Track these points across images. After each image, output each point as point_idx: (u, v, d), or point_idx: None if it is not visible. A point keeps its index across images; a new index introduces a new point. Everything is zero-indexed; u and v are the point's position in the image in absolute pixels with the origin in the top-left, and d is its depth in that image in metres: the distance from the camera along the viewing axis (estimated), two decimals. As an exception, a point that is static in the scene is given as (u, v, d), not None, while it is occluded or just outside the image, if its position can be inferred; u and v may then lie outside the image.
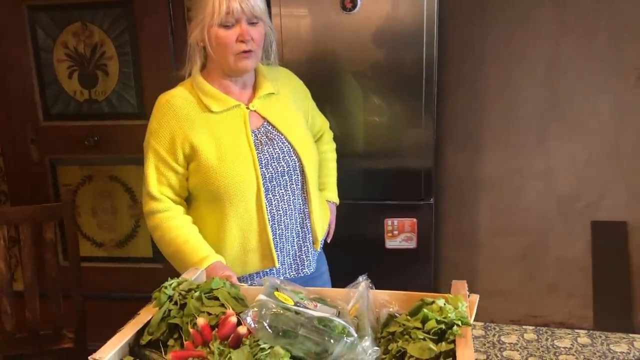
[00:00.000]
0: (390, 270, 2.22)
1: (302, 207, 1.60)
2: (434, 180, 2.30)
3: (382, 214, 2.25)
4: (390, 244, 2.28)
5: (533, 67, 2.60)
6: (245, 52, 1.46)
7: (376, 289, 1.23)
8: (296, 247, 1.61)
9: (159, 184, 1.51)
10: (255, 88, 1.58)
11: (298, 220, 1.59)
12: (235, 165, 1.48)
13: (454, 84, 2.65)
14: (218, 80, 1.53)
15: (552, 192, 2.72)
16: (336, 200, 1.83)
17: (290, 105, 1.63)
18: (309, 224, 1.62)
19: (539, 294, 2.84)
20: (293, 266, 1.61)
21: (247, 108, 1.54)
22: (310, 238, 1.63)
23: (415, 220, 2.26)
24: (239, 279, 1.56)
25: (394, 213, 2.25)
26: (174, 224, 1.51)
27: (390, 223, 2.26)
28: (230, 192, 1.48)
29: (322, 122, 1.83)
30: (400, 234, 2.27)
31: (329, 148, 1.86)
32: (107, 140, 2.54)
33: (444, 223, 2.81)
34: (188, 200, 1.59)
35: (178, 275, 1.33)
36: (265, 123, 1.56)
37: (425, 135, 2.20)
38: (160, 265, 2.64)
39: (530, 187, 2.73)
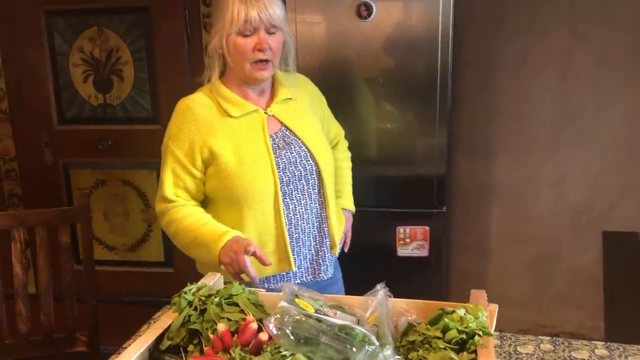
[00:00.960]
0: (402, 278, 2.20)
1: (319, 212, 1.61)
2: (447, 188, 2.30)
3: (394, 222, 2.25)
4: (402, 251, 2.28)
5: (546, 76, 2.60)
6: (261, 62, 1.48)
7: (389, 296, 1.23)
8: (313, 252, 1.61)
9: (174, 187, 1.53)
10: (272, 94, 1.60)
11: (315, 225, 1.60)
12: (253, 169, 1.49)
13: (467, 91, 2.65)
14: (236, 86, 1.55)
15: (564, 202, 2.71)
16: (352, 208, 1.84)
17: (307, 110, 1.65)
18: (326, 229, 1.62)
19: (549, 304, 2.83)
20: (310, 270, 1.62)
21: (265, 113, 1.56)
22: (328, 243, 1.64)
23: (427, 228, 2.26)
24: (261, 280, 1.57)
25: (406, 221, 2.25)
26: (187, 212, 1.52)
27: (402, 231, 2.26)
28: (249, 195, 1.50)
29: (337, 130, 1.84)
30: (412, 242, 2.27)
31: (345, 156, 1.86)
32: (121, 144, 2.56)
33: (455, 231, 2.80)
34: (205, 204, 1.60)
35: (189, 279, 1.33)
36: (283, 128, 1.57)
37: (438, 143, 2.20)
38: (172, 269, 2.65)
39: (542, 196, 2.72)
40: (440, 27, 2.09)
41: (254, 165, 1.50)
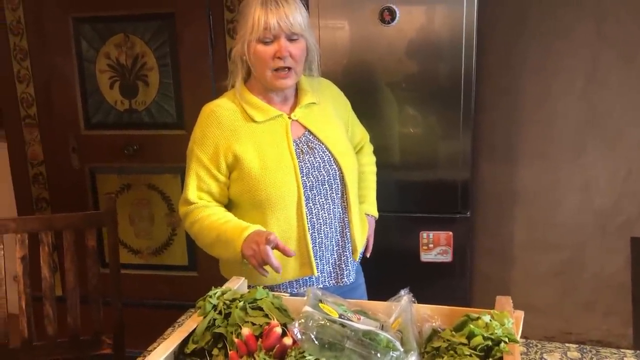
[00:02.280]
0: (425, 284, 2.19)
1: (342, 216, 1.61)
2: (471, 193, 2.29)
3: (417, 227, 2.24)
4: (426, 257, 2.26)
5: (571, 80, 2.57)
6: (282, 70, 1.48)
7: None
8: (336, 256, 1.62)
9: (198, 190, 1.55)
10: (296, 99, 1.61)
11: (338, 229, 1.60)
12: (277, 174, 1.50)
13: (490, 95, 2.63)
14: (260, 91, 1.57)
15: (590, 207, 2.67)
16: (375, 214, 1.83)
17: (330, 114, 1.65)
18: (348, 233, 1.62)
19: (574, 311, 2.78)
20: (333, 275, 1.62)
21: (289, 118, 1.57)
22: (350, 247, 1.64)
23: (450, 233, 2.24)
24: (278, 286, 1.58)
25: (429, 226, 2.23)
26: (210, 211, 1.54)
27: (425, 236, 2.25)
28: (272, 200, 1.51)
29: (362, 134, 1.85)
30: (435, 247, 2.26)
31: (369, 161, 1.86)
32: (146, 149, 2.59)
33: (479, 236, 2.78)
34: (229, 208, 1.61)
35: (212, 283, 1.35)
36: (307, 132, 1.59)
37: (462, 147, 2.18)
38: (196, 273, 2.67)
39: (568, 201, 2.69)
40: (464, 30, 2.08)
41: (277, 170, 1.51)
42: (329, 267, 1.61)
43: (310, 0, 2.11)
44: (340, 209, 1.60)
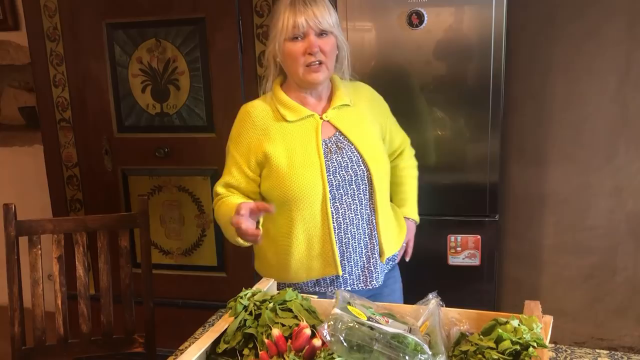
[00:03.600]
0: (453, 287, 2.18)
1: (369, 218, 1.62)
2: (499, 196, 2.27)
3: (445, 230, 2.24)
4: (453, 260, 2.26)
5: (603, 82, 2.53)
6: (314, 64, 1.52)
7: (440, 305, 1.23)
8: (364, 259, 1.62)
9: (227, 185, 1.63)
10: (330, 99, 1.63)
11: (366, 231, 1.61)
12: (303, 172, 1.54)
13: (520, 97, 2.61)
14: (295, 92, 1.61)
15: (622, 211, 2.63)
16: (415, 217, 1.83)
17: (365, 117, 1.66)
18: (376, 236, 1.63)
19: (605, 316, 2.74)
20: (361, 278, 1.63)
21: (321, 118, 1.60)
22: (377, 249, 1.64)
23: (479, 236, 2.23)
24: (305, 284, 1.62)
25: (457, 229, 2.23)
26: (231, 200, 1.59)
27: (453, 239, 2.25)
28: (297, 197, 1.54)
29: (402, 139, 1.85)
30: (463, 250, 2.25)
31: (410, 164, 1.86)
32: (177, 152, 2.64)
33: (507, 239, 2.76)
34: None
35: (241, 283, 1.39)
36: (337, 133, 1.61)
37: (491, 150, 2.17)
38: (224, 274, 2.71)
39: (598, 204, 2.65)
40: (493, 32, 2.07)
41: (303, 168, 1.54)
42: (357, 269, 1.62)
43: (338, 4, 2.13)
44: (368, 210, 1.61)
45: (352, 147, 1.60)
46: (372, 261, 1.63)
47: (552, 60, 2.57)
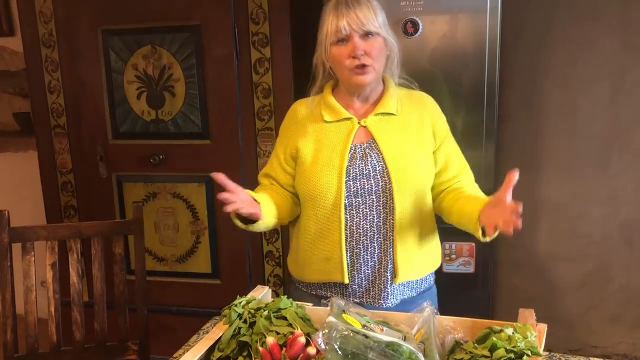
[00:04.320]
0: (447, 295, 2.19)
1: (386, 233, 1.54)
2: (494, 204, 2.27)
3: (440, 237, 2.24)
4: (448, 267, 2.26)
5: (597, 90, 2.56)
6: (359, 67, 1.48)
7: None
8: (376, 273, 1.56)
9: (267, 175, 1.68)
10: (376, 104, 1.59)
11: (380, 245, 1.55)
12: (322, 171, 1.54)
13: (514, 105, 2.63)
14: (343, 95, 1.61)
15: (616, 219, 2.64)
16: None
17: (409, 129, 1.57)
18: (391, 253, 1.55)
19: (600, 324, 2.75)
20: (370, 293, 1.58)
21: (359, 123, 1.57)
22: (391, 269, 1.56)
23: (473, 244, 2.24)
24: (317, 287, 1.61)
25: (452, 236, 2.22)
26: (256, 191, 1.61)
27: (448, 247, 2.25)
28: (313, 195, 1.55)
29: (459, 170, 1.63)
30: (458, 257, 2.26)
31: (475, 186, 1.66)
32: (172, 158, 2.63)
33: (501, 247, 2.77)
34: None
35: (234, 291, 1.40)
36: (371, 140, 1.56)
37: (485, 157, 2.18)
38: (219, 281, 2.70)
39: (592, 212, 2.66)
40: (488, 40, 2.08)
41: (324, 167, 1.54)
42: (366, 282, 1.56)
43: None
44: (386, 224, 1.54)
45: (380, 156, 1.53)
46: (383, 279, 1.56)
47: (546, 68, 2.59)
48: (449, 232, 2.23)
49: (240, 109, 2.50)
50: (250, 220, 1.49)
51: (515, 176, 1.35)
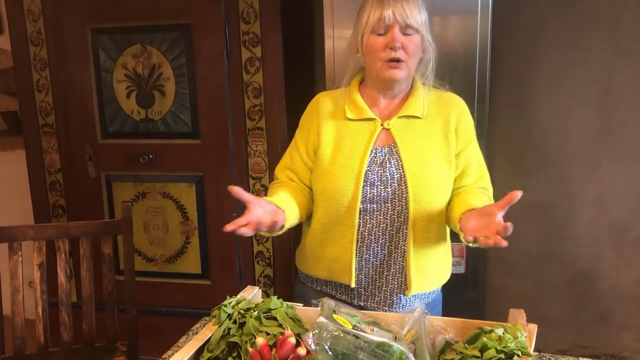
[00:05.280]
0: (438, 295, 2.20)
1: (398, 242, 1.50)
2: (484, 205, 2.28)
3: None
4: (438, 268, 2.26)
5: (586, 92, 2.57)
6: (393, 61, 1.44)
7: (424, 313, 1.23)
8: (384, 280, 1.54)
9: (285, 167, 1.61)
10: (401, 106, 1.53)
11: (391, 254, 1.51)
12: (340, 173, 1.49)
13: (505, 106, 2.63)
14: (370, 90, 1.55)
15: (605, 220, 2.66)
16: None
17: (433, 135, 1.51)
18: (403, 264, 1.52)
19: (588, 324, 2.76)
20: (376, 299, 1.55)
21: (382, 125, 1.52)
22: (401, 280, 1.53)
23: (463, 245, 2.23)
24: (326, 281, 1.59)
25: (442, 237, 2.23)
26: (276, 189, 1.56)
27: (438, 247, 2.25)
28: (328, 195, 1.50)
29: (477, 179, 1.56)
30: (448, 258, 2.25)
31: (485, 193, 1.58)
32: (162, 158, 2.62)
33: (492, 248, 2.77)
34: None
35: (224, 291, 1.37)
36: (393, 144, 1.50)
37: (475, 159, 2.18)
38: (208, 281, 2.69)
39: (581, 213, 2.68)
40: (479, 41, 2.09)
41: (342, 169, 1.49)
42: (373, 287, 1.54)
43: (324, 12, 2.14)
44: (399, 233, 1.50)
45: (400, 163, 1.48)
46: (390, 287, 1.54)
47: (536, 70, 2.60)
48: (439, 232, 2.24)
49: (231, 108, 2.49)
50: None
51: (517, 197, 1.30)
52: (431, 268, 1.56)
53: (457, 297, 2.26)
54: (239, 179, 2.53)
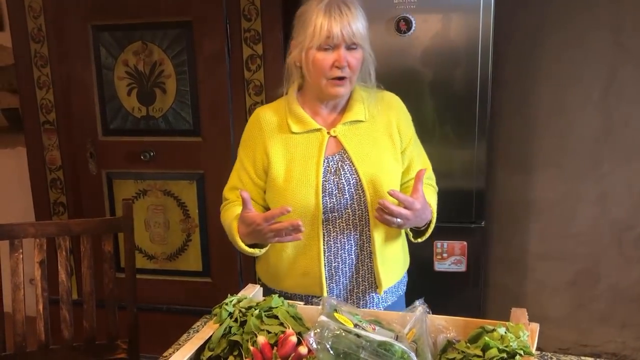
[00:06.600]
0: (438, 293, 2.18)
1: (363, 244, 1.54)
2: (486, 203, 2.28)
3: (431, 236, 2.22)
4: (439, 266, 2.26)
5: (588, 90, 2.56)
6: (338, 79, 1.44)
7: (425, 312, 1.22)
8: (354, 283, 1.55)
9: (234, 189, 1.58)
10: (344, 112, 1.54)
11: (358, 257, 1.54)
12: (298, 189, 1.49)
13: (506, 104, 2.63)
14: (310, 100, 1.54)
15: (606, 218, 2.65)
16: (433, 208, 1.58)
17: (378, 135, 1.55)
18: (370, 264, 1.55)
19: (589, 323, 2.76)
20: (348, 302, 1.55)
21: (328, 133, 1.52)
22: (371, 280, 1.56)
23: (465, 243, 2.24)
24: (297, 295, 1.57)
25: (443, 235, 2.22)
26: (232, 208, 1.55)
27: (439, 245, 2.25)
28: (290, 213, 1.46)
29: (421, 165, 1.62)
30: (449, 256, 2.25)
31: (428, 183, 1.67)
32: (163, 155, 2.61)
33: (493, 246, 2.77)
34: None
35: (225, 289, 1.38)
36: (342, 151, 1.52)
37: (477, 157, 2.18)
38: (209, 279, 2.69)
39: (583, 212, 2.67)
40: (481, 39, 2.08)
41: (299, 185, 1.49)
42: (344, 292, 1.56)
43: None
44: (363, 237, 1.53)
45: (353, 168, 1.50)
46: (361, 288, 1.56)
47: (538, 68, 2.59)
48: (440, 231, 2.23)
49: (232, 106, 2.49)
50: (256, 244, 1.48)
51: (422, 173, 1.45)
52: (396, 260, 1.61)
53: (458, 295, 2.27)
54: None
